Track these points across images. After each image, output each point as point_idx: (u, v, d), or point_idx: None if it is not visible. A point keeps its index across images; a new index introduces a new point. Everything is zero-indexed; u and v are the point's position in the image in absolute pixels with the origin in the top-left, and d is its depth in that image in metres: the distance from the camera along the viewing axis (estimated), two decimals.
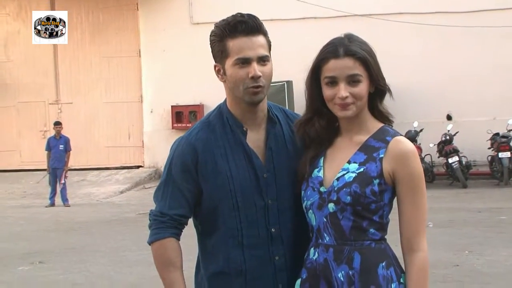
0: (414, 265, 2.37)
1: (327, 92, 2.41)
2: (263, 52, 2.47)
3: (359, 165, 2.40)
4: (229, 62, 2.48)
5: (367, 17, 17.32)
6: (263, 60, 2.47)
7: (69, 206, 14.76)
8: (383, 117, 2.51)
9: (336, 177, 2.41)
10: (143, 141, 19.27)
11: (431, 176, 16.00)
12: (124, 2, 19.38)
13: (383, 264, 2.38)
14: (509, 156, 15.12)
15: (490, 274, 7.23)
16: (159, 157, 18.39)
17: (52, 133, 16.46)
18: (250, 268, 2.53)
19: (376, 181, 2.37)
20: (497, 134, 15.66)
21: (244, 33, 2.46)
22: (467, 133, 16.10)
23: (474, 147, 16.17)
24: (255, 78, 2.45)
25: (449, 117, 17.24)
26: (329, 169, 2.46)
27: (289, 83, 16.41)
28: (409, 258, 2.38)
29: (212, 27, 2.57)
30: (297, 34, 17.34)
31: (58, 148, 15.22)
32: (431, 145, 15.92)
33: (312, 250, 2.47)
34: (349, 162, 2.42)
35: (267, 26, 2.56)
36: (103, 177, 18.37)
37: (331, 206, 2.40)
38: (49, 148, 15.34)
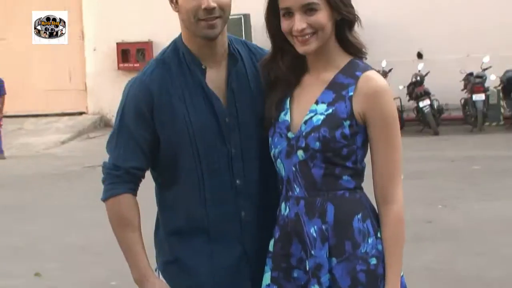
0: (389, 218, 2.36)
1: (283, 25, 2.38)
2: None
3: (327, 106, 2.37)
4: None
5: None
6: None
7: (4, 158, 14.53)
8: (354, 48, 2.45)
9: (304, 120, 2.38)
10: (85, 84, 18.96)
11: (401, 122, 16.01)
12: None
13: (358, 216, 2.36)
14: (483, 98, 15.02)
15: (463, 230, 7.42)
16: (104, 102, 18.14)
17: None
18: (213, 225, 2.50)
19: (347, 123, 2.33)
20: (471, 74, 15.51)
21: None
22: (439, 73, 15.94)
23: (447, 88, 16.11)
24: (208, 9, 2.39)
25: (420, 55, 17.13)
26: (297, 112, 2.42)
27: (246, 16, 16.23)
28: (384, 210, 2.38)
29: None
30: None
31: None
32: (401, 87, 15.77)
33: (283, 204, 2.45)
34: (316, 103, 2.39)
35: None
36: (42, 124, 18.08)
37: (300, 153, 2.37)
38: None
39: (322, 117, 2.35)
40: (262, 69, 2.50)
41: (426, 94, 15.43)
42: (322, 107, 2.37)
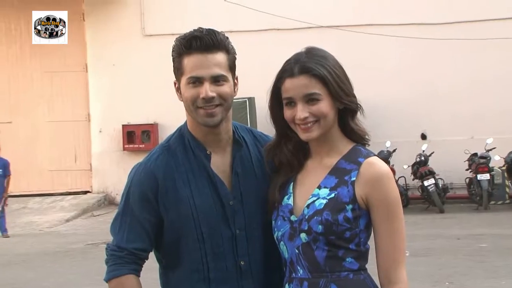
0: None
1: (286, 113, 2.43)
2: (218, 71, 2.47)
3: (330, 190, 2.39)
4: (183, 81, 2.51)
5: (335, 28, 17.46)
6: (217, 80, 2.48)
7: (8, 236, 14.47)
8: (357, 135, 2.49)
9: (306, 204, 2.40)
10: (91, 164, 19.06)
11: (405, 200, 16.08)
12: (69, 12, 19.19)
13: None
14: (488, 178, 15.20)
15: None
16: (109, 181, 18.22)
17: None
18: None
19: (349, 207, 2.35)
20: (475, 154, 15.80)
21: (199, 50, 2.47)
22: (443, 153, 16.22)
23: (451, 168, 16.32)
24: (206, 99, 2.46)
25: (423, 136, 17.40)
26: (299, 196, 2.44)
27: (251, 99, 16.45)
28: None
29: (165, 40, 2.59)
30: (259, 47, 17.37)
31: None
32: (405, 166, 16.00)
33: (286, 286, 2.46)
34: (319, 187, 2.41)
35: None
36: (46, 204, 18.09)
37: (303, 236, 2.38)
38: None
39: (324, 201, 2.37)
40: (267, 154, 2.56)
41: (431, 173, 15.56)
42: (324, 192, 2.39)
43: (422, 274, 8.80)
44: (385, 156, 16.21)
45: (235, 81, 2.58)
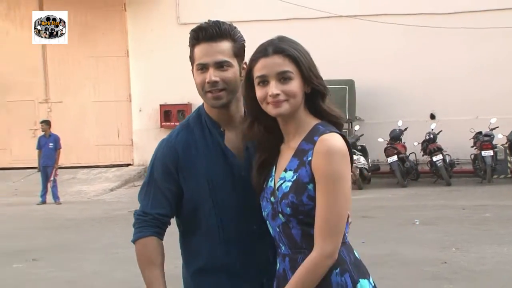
0: (303, 263, 2.26)
1: (259, 92, 2.34)
2: (221, 57, 2.51)
3: (293, 172, 2.32)
4: (194, 68, 2.58)
5: (352, 18, 17.34)
6: (221, 65, 2.51)
7: (60, 203, 14.66)
8: (329, 117, 2.38)
9: (277, 187, 2.36)
10: (132, 140, 19.18)
11: (415, 174, 16.09)
12: (111, 3, 19.26)
13: (336, 271, 2.28)
14: (492, 154, 15.24)
15: (478, 271, 7.25)
16: (148, 156, 18.03)
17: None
18: (232, 263, 2.55)
19: (311, 186, 2.27)
20: (480, 132, 15.76)
21: (205, 40, 2.53)
22: (451, 132, 16.18)
23: (458, 145, 16.27)
24: (211, 83, 2.50)
25: (432, 116, 17.34)
26: (276, 179, 2.39)
27: (350, 82, 16.25)
28: (309, 255, 2.27)
29: None
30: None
31: (48, 146, 15.12)
32: (415, 143, 16.00)
33: (277, 259, 2.44)
34: (285, 170, 2.35)
35: (250, 27, 2.55)
36: (93, 175, 18.27)
37: (281, 216, 2.34)
38: (39, 146, 15.24)
39: (289, 183, 2.31)
40: (243, 137, 2.50)
41: (439, 150, 15.53)
42: (289, 174, 2.32)
43: (431, 241, 8.77)
44: (397, 134, 16.16)
45: (244, 66, 2.56)
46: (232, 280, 2.55)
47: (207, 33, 2.53)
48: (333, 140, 2.27)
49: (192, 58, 2.60)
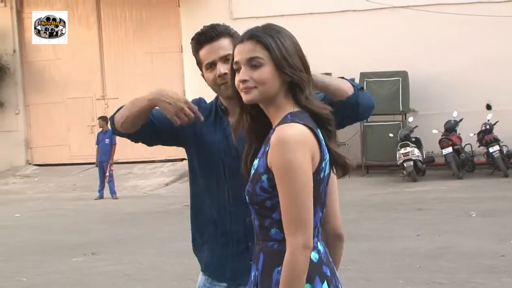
0: (283, 265, 2.16)
1: (235, 80, 2.30)
2: (224, 52, 2.75)
3: (258, 161, 2.28)
4: (203, 69, 2.82)
5: (404, 8, 17.08)
6: (227, 58, 2.70)
7: (117, 198, 14.89)
8: (308, 109, 2.27)
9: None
10: None
11: (471, 165, 15.76)
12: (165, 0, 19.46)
13: (278, 268, 2.19)
14: None
15: None
16: None
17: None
18: (221, 220, 2.79)
19: (265, 177, 2.21)
20: None
21: (206, 42, 2.79)
22: (507, 122, 15.81)
23: None
24: (221, 75, 2.72)
25: (488, 107, 16.97)
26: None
27: (404, 73, 16.29)
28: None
29: (251, 22, 2.65)
30: (335, 28, 17.20)
31: (104, 142, 15.35)
32: (471, 134, 15.67)
33: None
34: (258, 159, 2.29)
35: (305, 20, 2.53)
36: (148, 170, 18.48)
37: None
38: (98, 142, 15.52)
39: (252, 172, 2.29)
40: (234, 128, 2.45)
41: (496, 141, 15.18)
42: (256, 163, 2.29)
43: (488, 233, 8.59)
44: (452, 125, 15.86)
45: None
46: (221, 235, 2.80)
47: (207, 36, 2.79)
48: (289, 129, 2.17)
49: (199, 63, 2.84)
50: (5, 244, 9.76)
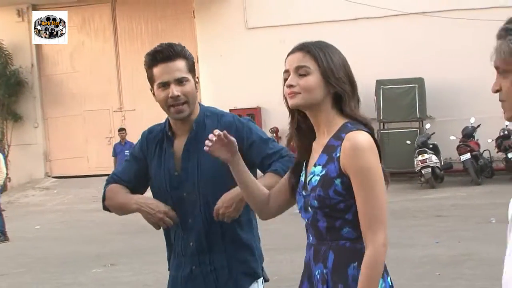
0: (364, 263, 2.31)
1: (284, 88, 2.45)
2: (179, 74, 2.87)
3: (322, 167, 2.41)
4: (155, 86, 2.92)
5: (420, 15, 17.05)
6: (180, 81, 2.86)
7: None
8: (354, 119, 2.45)
9: (308, 182, 2.45)
10: None
11: (490, 171, 15.64)
12: (181, 11, 19.57)
13: (354, 264, 2.36)
14: None
15: None
16: None
17: (117, 139, 16.70)
18: (177, 246, 2.98)
19: (338, 181, 2.36)
20: None
21: (162, 61, 2.88)
22: None
23: None
24: (174, 97, 2.85)
25: None
26: (307, 174, 2.49)
27: (420, 80, 16.33)
28: (365, 252, 2.33)
29: (266, 31, 2.69)
30: (351, 36, 17.18)
31: (123, 153, 15.41)
32: (489, 140, 15.56)
33: (306, 248, 2.55)
34: (315, 165, 2.45)
35: (319, 28, 2.56)
36: None
37: (309, 209, 2.44)
38: (115, 154, 15.58)
39: (318, 178, 2.41)
40: (289, 140, 2.62)
41: None
42: (318, 169, 2.42)
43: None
44: (470, 131, 15.77)
45: (197, 80, 2.97)
46: (176, 260, 3.00)
47: (164, 54, 2.89)
48: (359, 136, 2.35)
49: (151, 79, 2.93)
50: (26, 256, 9.84)
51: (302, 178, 2.52)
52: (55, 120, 20.34)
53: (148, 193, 3.09)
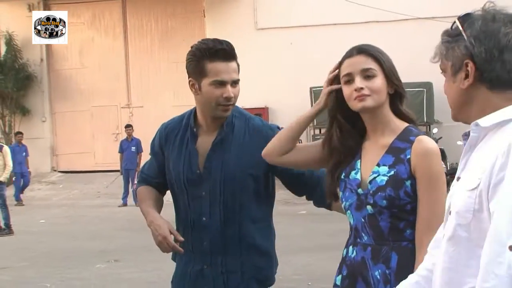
0: (418, 263, 2.28)
1: (345, 90, 2.46)
2: (236, 76, 2.84)
3: (389, 168, 2.42)
4: (206, 81, 2.81)
5: (430, 19, 17.01)
6: (235, 83, 2.83)
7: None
8: (407, 118, 2.52)
9: (369, 180, 2.44)
10: None
11: None
12: (191, 10, 19.57)
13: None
14: None
15: None
16: None
17: (124, 135, 16.71)
18: (186, 241, 2.89)
19: (408, 182, 2.38)
20: None
21: (222, 59, 2.80)
22: None
23: None
24: (228, 98, 2.80)
25: None
26: (364, 172, 2.49)
27: (429, 84, 16.11)
28: (417, 255, 2.34)
29: (275, 32, 2.67)
30: (360, 39, 17.12)
31: (130, 150, 15.44)
32: None
33: (350, 248, 2.51)
34: (378, 165, 2.44)
35: (328, 30, 2.56)
36: None
37: (369, 208, 2.43)
38: (121, 150, 15.59)
39: (385, 178, 2.41)
40: (322, 145, 2.61)
41: None
42: (384, 169, 2.42)
43: None
44: None
45: None
46: (188, 255, 2.93)
47: (226, 52, 2.81)
48: (430, 142, 2.42)
49: (202, 73, 2.82)
50: (30, 250, 9.85)
51: (357, 176, 2.49)
52: (62, 115, 20.39)
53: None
